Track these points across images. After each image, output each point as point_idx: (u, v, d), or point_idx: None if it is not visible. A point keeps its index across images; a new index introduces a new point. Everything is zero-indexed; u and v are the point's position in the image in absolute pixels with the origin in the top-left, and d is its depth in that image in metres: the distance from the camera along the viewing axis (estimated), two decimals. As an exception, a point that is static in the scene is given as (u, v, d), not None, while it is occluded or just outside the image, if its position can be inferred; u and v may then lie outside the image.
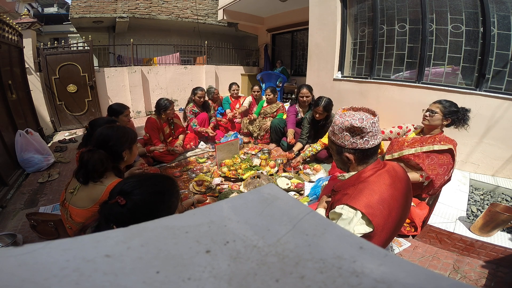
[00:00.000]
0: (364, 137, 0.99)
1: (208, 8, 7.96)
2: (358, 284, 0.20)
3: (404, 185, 1.02)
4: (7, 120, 2.86)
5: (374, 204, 0.92)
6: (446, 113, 1.89)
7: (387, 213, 0.93)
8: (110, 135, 1.33)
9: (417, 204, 1.85)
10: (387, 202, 0.93)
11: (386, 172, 1.01)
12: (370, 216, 0.91)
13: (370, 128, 0.97)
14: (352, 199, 0.95)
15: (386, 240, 1.00)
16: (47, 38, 6.06)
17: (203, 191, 2.21)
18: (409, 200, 1.06)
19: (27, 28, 3.93)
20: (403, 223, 1.08)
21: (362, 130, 0.98)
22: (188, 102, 3.55)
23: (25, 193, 2.37)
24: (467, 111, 1.84)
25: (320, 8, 3.54)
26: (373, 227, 0.91)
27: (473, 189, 2.14)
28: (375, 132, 0.99)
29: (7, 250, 0.23)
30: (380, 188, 0.96)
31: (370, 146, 1.00)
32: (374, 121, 0.98)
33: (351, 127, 0.99)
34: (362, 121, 0.98)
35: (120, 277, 0.20)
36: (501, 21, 2.14)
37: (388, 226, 0.95)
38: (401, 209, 0.99)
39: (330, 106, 2.70)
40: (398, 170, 1.06)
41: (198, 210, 0.31)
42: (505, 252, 1.42)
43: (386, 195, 0.94)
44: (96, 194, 1.21)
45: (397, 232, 1.07)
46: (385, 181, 0.98)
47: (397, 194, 0.98)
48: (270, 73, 5.97)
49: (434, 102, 1.97)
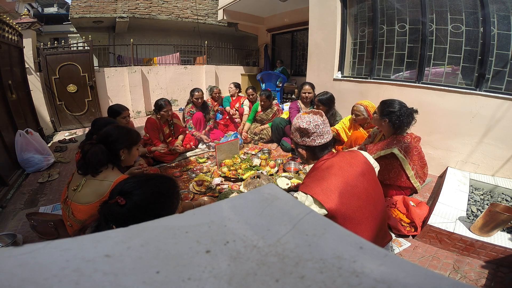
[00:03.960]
0: (311, 136, 1.18)
1: (208, 8, 7.96)
2: (358, 284, 0.20)
3: (356, 168, 1.16)
4: (7, 120, 2.86)
5: (323, 189, 1.06)
6: (382, 114, 1.94)
7: (337, 195, 1.05)
8: (112, 133, 1.38)
9: (417, 204, 1.85)
10: (335, 186, 1.07)
11: (335, 161, 1.17)
12: (319, 199, 1.04)
13: (314, 129, 1.16)
14: (305, 186, 1.13)
15: (355, 219, 1.07)
16: (47, 38, 6.06)
17: (203, 191, 2.21)
18: (369, 180, 1.18)
19: (27, 28, 3.93)
20: (373, 203, 1.16)
21: (307, 131, 1.17)
22: (187, 103, 3.55)
23: (25, 193, 2.37)
24: (408, 112, 1.86)
25: (320, 8, 3.54)
26: (326, 209, 1.03)
27: (473, 189, 2.14)
28: (320, 133, 1.17)
29: (7, 250, 0.23)
30: (328, 174, 1.10)
31: (317, 144, 1.19)
32: (318, 124, 1.16)
33: (299, 128, 1.20)
34: (309, 124, 1.17)
35: (120, 277, 0.20)
36: (501, 21, 2.14)
37: (344, 206, 1.05)
38: (356, 189, 1.10)
39: (327, 101, 2.80)
40: (351, 156, 1.22)
41: (198, 210, 0.31)
42: (505, 252, 1.42)
43: (333, 180, 1.08)
44: (102, 190, 1.24)
45: (372, 215, 1.14)
46: (333, 168, 1.13)
47: (346, 178, 1.10)
48: (270, 73, 5.96)
49: (381, 101, 2.03)
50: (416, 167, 1.96)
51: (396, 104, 1.90)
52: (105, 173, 1.30)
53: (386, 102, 1.96)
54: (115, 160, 1.37)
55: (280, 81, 5.89)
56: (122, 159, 1.41)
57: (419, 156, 1.96)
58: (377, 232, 1.17)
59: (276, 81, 5.87)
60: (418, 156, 1.95)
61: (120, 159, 1.40)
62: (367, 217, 1.11)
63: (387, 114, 1.90)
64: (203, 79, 6.42)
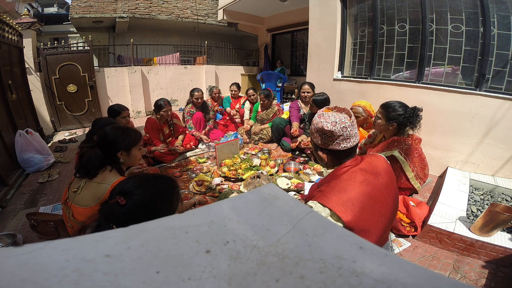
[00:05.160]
0: (335, 140, 1.00)
1: (208, 8, 7.96)
2: (358, 284, 0.20)
3: (381, 179, 1.03)
4: (7, 120, 2.86)
5: (343, 202, 0.93)
6: (388, 118, 1.86)
7: (358, 210, 0.93)
8: (109, 134, 1.35)
9: (417, 204, 1.85)
10: (358, 200, 0.94)
11: (359, 169, 1.02)
12: (338, 213, 0.91)
13: (340, 132, 0.98)
14: (323, 196, 0.97)
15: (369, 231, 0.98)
16: (47, 38, 6.06)
17: (203, 191, 2.21)
18: (390, 193, 1.06)
19: (27, 28, 3.93)
20: (390, 216, 1.07)
21: (332, 134, 0.99)
22: (187, 103, 3.56)
23: (25, 193, 2.37)
24: (414, 112, 1.80)
25: (320, 8, 3.54)
26: (343, 223, 0.92)
27: (473, 189, 2.14)
28: (347, 136, 1.00)
29: (7, 250, 0.23)
30: (351, 186, 0.96)
31: (341, 149, 1.01)
32: (346, 126, 0.99)
33: (321, 129, 1.01)
34: (334, 125, 0.99)
35: (120, 277, 0.20)
36: (501, 21, 2.14)
37: (363, 222, 0.94)
38: (378, 204, 0.99)
39: (322, 103, 2.68)
40: (376, 165, 1.07)
41: (198, 210, 0.31)
42: (505, 252, 1.42)
43: (356, 193, 0.95)
44: (100, 193, 1.22)
45: (385, 226, 1.06)
46: (357, 178, 0.98)
47: (371, 191, 0.98)
48: (270, 73, 5.97)
49: (381, 105, 1.95)
50: (417, 168, 1.95)
51: (399, 106, 1.87)
52: (103, 176, 1.28)
53: (389, 106, 1.89)
54: (113, 162, 1.34)
55: (280, 81, 5.90)
56: (121, 161, 1.37)
57: (419, 158, 1.95)
58: (382, 237, 1.13)
59: (276, 81, 5.87)
60: (419, 158, 1.94)
61: (119, 161, 1.37)
62: (381, 229, 1.03)
63: (394, 118, 1.84)
64: (203, 79, 6.42)
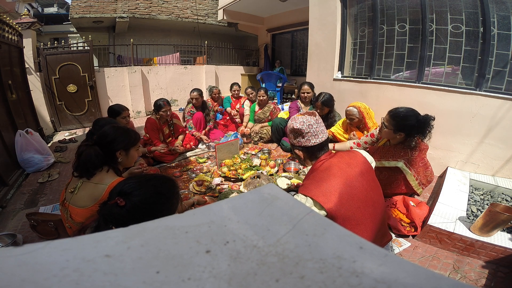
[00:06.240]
0: (305, 136, 1.19)
1: (208, 8, 7.96)
2: (358, 284, 0.20)
3: (355, 168, 1.15)
4: (7, 120, 2.86)
5: (322, 191, 1.05)
6: (397, 128, 1.72)
7: (336, 196, 1.04)
8: (109, 133, 1.36)
9: (417, 204, 1.85)
10: (334, 188, 1.05)
11: (333, 161, 1.16)
12: (319, 201, 1.03)
13: (307, 129, 1.17)
14: (304, 188, 1.11)
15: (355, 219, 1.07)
16: (47, 38, 6.06)
17: (203, 191, 2.21)
18: (367, 180, 1.17)
19: (27, 28, 3.93)
20: (373, 204, 1.15)
21: (301, 131, 1.18)
22: (187, 103, 3.57)
23: (25, 193, 2.37)
24: (426, 121, 1.69)
25: (320, 8, 3.54)
26: (325, 211, 1.03)
27: (473, 189, 2.14)
28: (314, 133, 1.18)
29: (7, 250, 0.23)
30: (327, 176, 1.09)
31: (312, 144, 1.19)
32: (311, 124, 1.17)
33: (293, 129, 1.21)
34: (302, 124, 1.17)
35: (120, 277, 0.20)
36: (501, 21, 2.14)
37: (344, 208, 1.04)
38: (355, 190, 1.09)
39: (330, 102, 2.81)
40: (349, 157, 1.21)
41: (198, 210, 0.31)
42: (505, 252, 1.42)
43: (332, 181, 1.07)
44: (97, 193, 1.22)
45: (373, 216, 1.13)
46: (332, 168, 1.12)
47: (346, 178, 1.09)
48: (270, 73, 5.97)
49: (389, 112, 1.80)
50: (420, 177, 1.91)
51: (411, 116, 1.73)
52: (100, 176, 1.27)
53: (398, 115, 1.74)
54: (111, 162, 1.34)
55: (280, 81, 5.90)
56: (119, 161, 1.38)
57: (424, 167, 1.90)
58: (377, 231, 1.17)
59: (276, 81, 5.87)
60: (423, 166, 1.89)
61: (117, 161, 1.37)
62: (367, 218, 1.10)
63: (403, 129, 1.72)
64: (203, 79, 6.42)
